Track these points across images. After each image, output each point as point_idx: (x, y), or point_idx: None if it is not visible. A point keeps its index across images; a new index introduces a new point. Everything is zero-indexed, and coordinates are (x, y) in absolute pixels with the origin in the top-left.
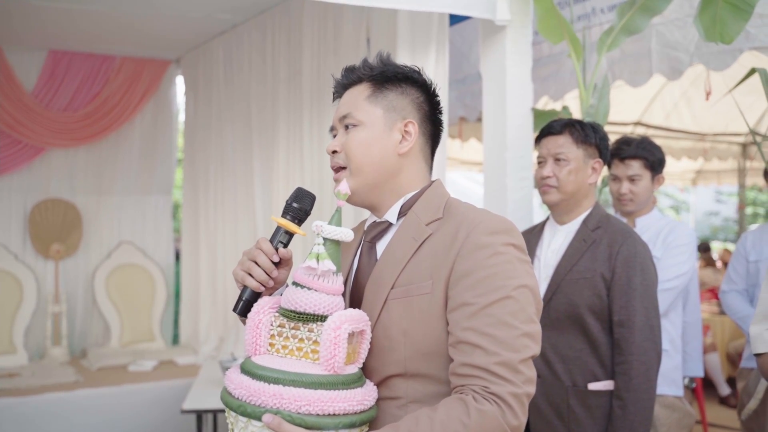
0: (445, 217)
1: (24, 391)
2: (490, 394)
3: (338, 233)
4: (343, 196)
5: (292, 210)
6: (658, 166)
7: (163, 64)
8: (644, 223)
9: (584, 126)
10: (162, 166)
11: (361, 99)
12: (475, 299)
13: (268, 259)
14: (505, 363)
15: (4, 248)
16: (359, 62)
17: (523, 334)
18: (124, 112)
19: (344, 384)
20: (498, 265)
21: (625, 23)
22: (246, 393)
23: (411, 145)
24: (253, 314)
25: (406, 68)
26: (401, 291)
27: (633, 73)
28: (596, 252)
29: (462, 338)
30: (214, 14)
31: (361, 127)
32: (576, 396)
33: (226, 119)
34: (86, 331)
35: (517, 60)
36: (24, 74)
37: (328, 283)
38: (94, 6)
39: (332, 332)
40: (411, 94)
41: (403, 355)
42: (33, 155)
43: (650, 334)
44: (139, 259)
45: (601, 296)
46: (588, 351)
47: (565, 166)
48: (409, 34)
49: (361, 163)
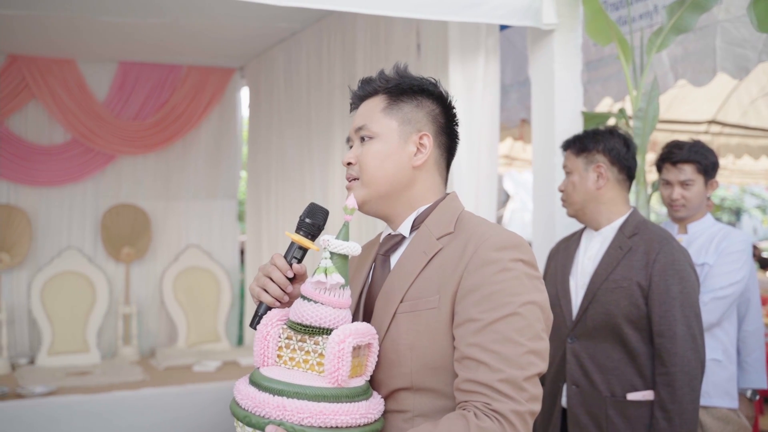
0: (456, 231)
1: (93, 388)
2: (492, 411)
3: (345, 247)
4: (350, 211)
5: (305, 225)
6: (711, 171)
7: (228, 72)
8: (696, 230)
9: (585, 137)
10: (227, 171)
11: (376, 111)
12: (480, 315)
13: (282, 274)
14: (509, 380)
15: (78, 251)
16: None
17: (529, 351)
18: (190, 119)
19: (348, 397)
20: (505, 281)
21: (675, 22)
22: (251, 404)
23: (426, 157)
24: (262, 326)
25: (422, 80)
26: (409, 305)
27: (696, 72)
28: (632, 260)
29: (467, 354)
30: (273, 22)
31: (376, 140)
32: (615, 406)
33: (286, 124)
34: (155, 331)
35: (565, 63)
36: (96, 85)
37: (335, 297)
38: (160, 18)
39: (336, 345)
40: (426, 107)
41: (410, 369)
42: (104, 163)
43: (692, 343)
44: (205, 262)
45: (638, 305)
46: (626, 361)
47: (570, 179)
48: (459, 40)
49: (375, 175)
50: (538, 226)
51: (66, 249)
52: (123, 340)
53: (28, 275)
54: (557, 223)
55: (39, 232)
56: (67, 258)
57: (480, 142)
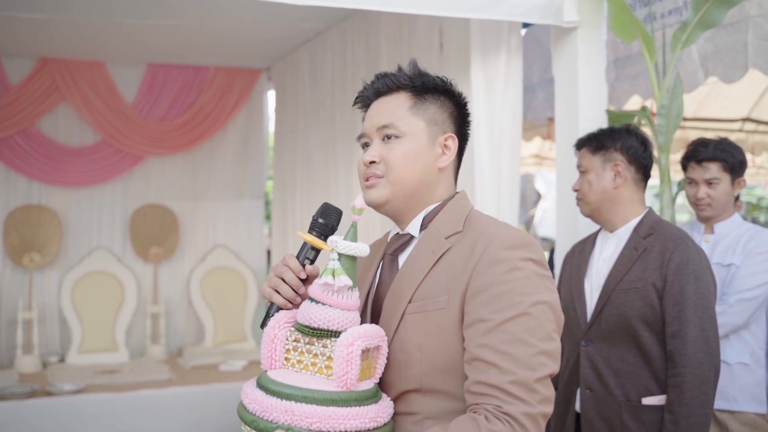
0: (464, 230)
1: (121, 387)
2: (503, 414)
3: (353, 248)
4: (358, 211)
5: (318, 226)
6: (738, 169)
7: (255, 72)
8: (723, 229)
9: (602, 134)
10: (254, 171)
11: (402, 109)
12: (490, 315)
13: (295, 276)
14: (519, 382)
15: (107, 251)
16: (394, 70)
17: (540, 352)
18: (217, 120)
19: (357, 401)
20: (515, 280)
21: (701, 17)
22: (259, 408)
23: (450, 159)
24: (269, 328)
25: (444, 80)
26: (418, 305)
27: (727, 69)
28: (647, 260)
29: (477, 355)
30: (297, 23)
31: (405, 139)
32: (629, 411)
33: (311, 125)
34: (182, 330)
35: (589, 61)
36: (125, 87)
37: (343, 299)
38: (185, 20)
39: (345, 349)
40: (449, 108)
41: (419, 371)
42: (133, 164)
43: (705, 345)
44: (232, 262)
45: (653, 307)
46: (641, 364)
47: (585, 177)
48: (480, 39)
49: (403, 175)
50: (561, 226)
51: (95, 249)
52: (151, 339)
53: (59, 275)
54: (580, 223)
55: (69, 232)
56: (96, 258)
57: (502, 142)
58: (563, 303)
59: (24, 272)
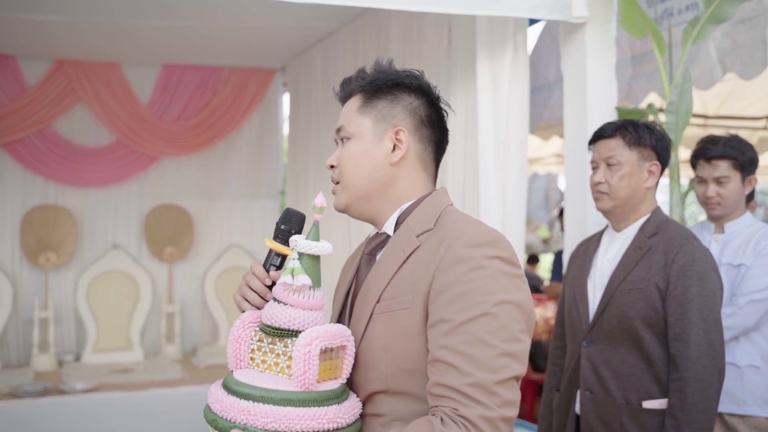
0: (436, 228)
1: (134, 386)
2: (459, 417)
3: (312, 247)
4: (318, 209)
5: (281, 232)
6: (749, 167)
7: (269, 72)
8: (733, 229)
9: (638, 127)
10: (269, 171)
11: (353, 111)
12: (452, 316)
13: (261, 282)
14: (478, 384)
15: (122, 251)
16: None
17: (503, 354)
18: (232, 120)
19: (317, 401)
20: (478, 279)
21: (712, 12)
22: (219, 407)
23: (403, 153)
24: (234, 329)
25: (398, 73)
26: (385, 305)
27: (745, 65)
28: (651, 260)
29: (437, 356)
30: (310, 22)
31: (353, 140)
32: (629, 414)
33: (324, 124)
34: (197, 330)
35: (598, 57)
36: (140, 87)
37: (304, 298)
38: (200, 21)
39: (303, 348)
40: (403, 101)
41: (385, 372)
42: (148, 164)
43: (709, 349)
44: (247, 261)
45: (656, 308)
46: (643, 367)
47: (617, 171)
48: (487, 36)
49: (352, 176)
50: (571, 225)
51: (111, 248)
52: (166, 339)
53: (75, 274)
54: (589, 222)
55: (85, 232)
56: (111, 257)
57: (508, 141)
58: (567, 303)
59: (40, 272)
